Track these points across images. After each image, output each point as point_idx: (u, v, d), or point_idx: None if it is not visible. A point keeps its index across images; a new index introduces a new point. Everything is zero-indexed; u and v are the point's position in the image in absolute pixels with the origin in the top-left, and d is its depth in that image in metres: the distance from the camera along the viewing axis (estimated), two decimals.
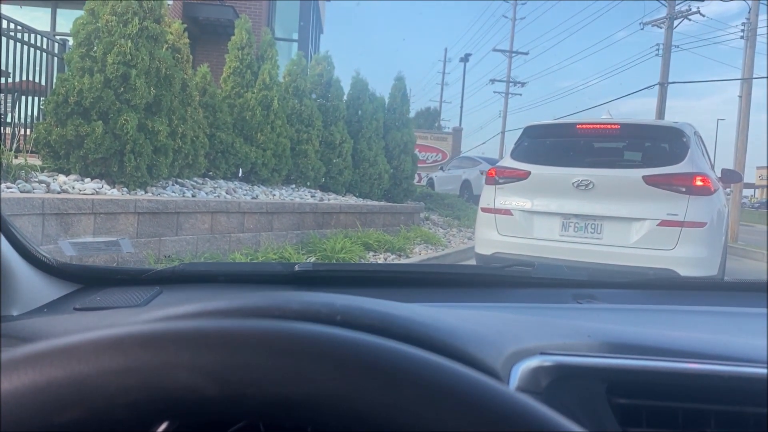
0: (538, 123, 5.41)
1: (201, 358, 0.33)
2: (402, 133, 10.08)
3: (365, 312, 0.47)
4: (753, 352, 0.68)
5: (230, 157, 6.72)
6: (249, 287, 1.12)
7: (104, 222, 4.18)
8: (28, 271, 0.91)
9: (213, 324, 0.35)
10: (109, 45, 4.92)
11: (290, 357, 0.33)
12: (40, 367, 0.33)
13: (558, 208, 4.73)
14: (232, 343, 0.33)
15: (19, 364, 0.33)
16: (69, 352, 0.33)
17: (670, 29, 18.29)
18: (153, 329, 0.34)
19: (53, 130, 4.75)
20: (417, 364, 0.34)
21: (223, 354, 0.33)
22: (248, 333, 0.34)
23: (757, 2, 17.20)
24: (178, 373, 0.32)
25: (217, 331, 0.34)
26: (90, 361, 0.33)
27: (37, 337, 0.69)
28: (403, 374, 0.33)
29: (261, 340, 0.34)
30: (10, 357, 0.34)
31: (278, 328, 0.35)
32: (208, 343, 0.33)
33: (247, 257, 5.13)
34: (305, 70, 8.45)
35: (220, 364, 0.33)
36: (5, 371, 0.33)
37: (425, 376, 0.34)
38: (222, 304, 0.46)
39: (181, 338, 0.34)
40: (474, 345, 0.53)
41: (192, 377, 0.32)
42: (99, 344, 0.33)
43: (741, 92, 17.56)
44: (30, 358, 0.33)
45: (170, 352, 0.33)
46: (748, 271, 9.50)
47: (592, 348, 0.65)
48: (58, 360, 0.33)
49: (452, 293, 1.15)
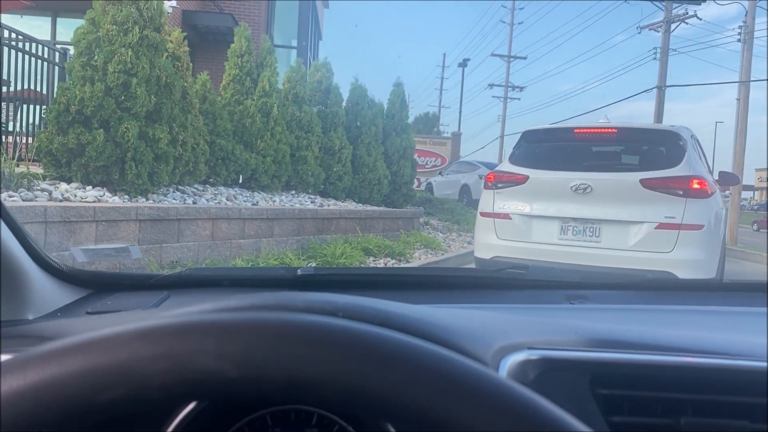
0: (536, 127, 5.46)
1: (224, 345, 0.37)
2: (401, 138, 10.13)
3: (364, 309, 0.51)
4: (740, 348, 0.72)
5: (230, 164, 6.76)
6: (253, 291, 1.16)
7: (106, 229, 4.22)
8: (42, 276, 0.95)
9: (234, 315, 0.40)
10: (109, 54, 4.97)
11: (302, 344, 0.37)
12: (85, 354, 0.37)
13: (556, 212, 4.77)
14: (251, 332, 0.38)
15: (67, 351, 0.37)
16: (109, 342, 0.38)
17: (667, 33, 18.38)
18: (181, 321, 0.39)
19: (55, 139, 4.79)
20: (413, 349, 0.38)
21: (243, 341, 0.37)
22: (265, 323, 0.39)
23: (754, 5, 17.28)
24: (204, 358, 0.36)
25: (238, 321, 0.39)
26: (127, 349, 0.37)
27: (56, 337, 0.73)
28: (401, 357, 0.37)
29: (275, 329, 0.38)
30: (59, 345, 0.38)
31: (289, 318, 0.40)
32: (230, 332, 0.38)
33: (248, 263, 5.16)
34: (304, 77, 8.51)
35: (240, 350, 0.37)
36: (54, 358, 0.37)
37: (420, 359, 0.38)
38: (233, 303, 0.50)
39: (206, 328, 0.38)
40: (465, 339, 0.57)
41: (216, 362, 0.36)
42: (135, 334, 0.38)
43: (739, 95, 17.64)
44: (75, 347, 0.37)
45: (197, 340, 0.37)
46: (748, 273, 9.53)
47: (578, 343, 0.70)
48: (101, 348, 0.37)
49: (449, 295, 1.18)
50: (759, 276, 9.43)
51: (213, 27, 12.17)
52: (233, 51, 7.37)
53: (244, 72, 7.33)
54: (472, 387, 0.36)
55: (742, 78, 17.38)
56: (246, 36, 7.40)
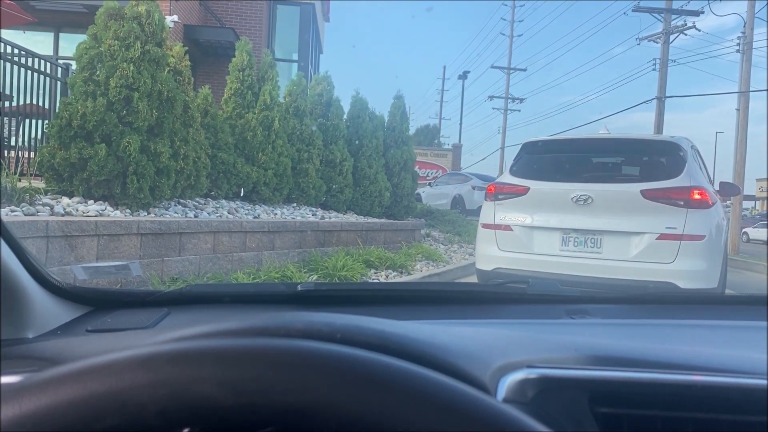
0: (536, 139, 5.47)
1: (221, 372, 0.37)
2: (402, 150, 10.16)
3: (363, 330, 0.51)
4: (742, 364, 0.71)
5: (232, 177, 6.78)
6: (253, 307, 1.16)
7: (108, 243, 4.22)
8: (42, 294, 0.95)
9: (230, 343, 0.40)
10: (111, 69, 5.00)
11: (296, 371, 0.38)
12: (83, 382, 0.37)
13: (557, 223, 4.77)
14: (248, 359, 0.38)
15: (64, 379, 0.37)
16: (108, 369, 0.38)
17: (666, 44, 18.46)
18: (179, 348, 0.39)
19: (57, 153, 4.81)
20: (406, 376, 0.39)
21: (240, 368, 0.38)
22: (260, 350, 0.39)
23: (752, 15, 17.37)
24: (201, 386, 0.37)
25: (235, 348, 0.39)
26: (126, 377, 0.37)
27: (56, 358, 0.73)
28: (399, 384, 0.38)
29: (271, 356, 0.38)
30: (57, 372, 0.38)
31: (286, 345, 0.40)
32: (227, 359, 0.38)
33: (250, 276, 5.16)
34: (305, 90, 8.55)
35: (237, 377, 0.37)
36: (51, 385, 0.37)
37: (417, 386, 0.38)
38: (232, 325, 0.50)
39: (204, 355, 0.38)
40: (464, 360, 0.57)
41: (213, 389, 0.37)
42: (133, 361, 0.38)
43: (739, 105, 17.69)
44: (73, 375, 0.38)
45: (194, 368, 0.37)
46: (750, 283, 9.50)
47: (578, 361, 0.69)
48: (99, 376, 0.37)
49: (450, 310, 1.18)
50: (762, 286, 9.40)
51: (214, 41, 12.25)
52: (235, 65, 7.41)
53: (246, 86, 7.37)
54: (470, 414, 0.37)
55: (741, 88, 17.43)
56: (247, 50, 7.45)
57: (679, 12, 18.65)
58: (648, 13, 18.82)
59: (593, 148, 5.27)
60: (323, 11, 18.79)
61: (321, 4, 17.64)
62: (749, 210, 54.45)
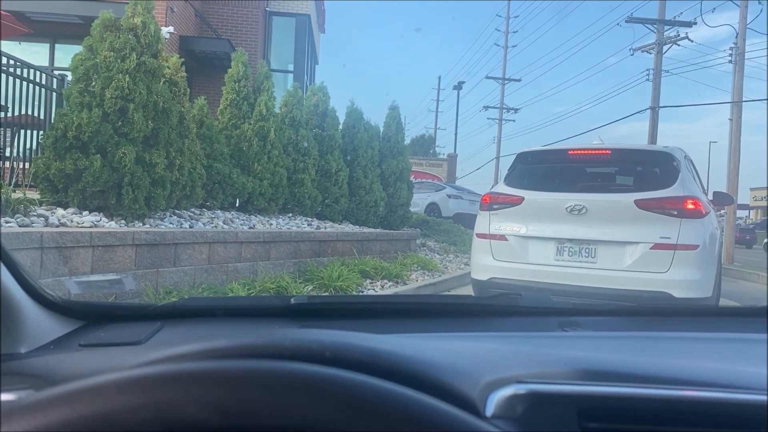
0: (530, 149, 5.49)
1: (207, 394, 0.38)
2: (397, 160, 10.18)
3: (352, 347, 0.52)
4: (736, 378, 0.71)
5: (227, 188, 6.78)
6: (246, 321, 1.16)
7: (102, 254, 4.21)
8: (34, 308, 0.95)
9: (217, 365, 0.40)
10: (107, 80, 5.01)
11: (281, 392, 0.38)
12: (72, 404, 0.37)
13: (552, 233, 4.78)
14: (232, 382, 0.39)
15: (54, 402, 0.38)
16: (96, 392, 0.38)
17: (659, 54, 18.60)
18: (167, 370, 0.39)
19: (52, 164, 4.80)
20: (391, 397, 0.39)
21: (227, 390, 0.38)
22: (246, 372, 0.39)
23: (744, 26, 17.52)
24: (188, 407, 0.37)
25: (221, 371, 0.39)
26: (114, 399, 0.38)
27: (49, 375, 0.73)
28: (379, 406, 0.38)
29: (258, 378, 0.39)
30: (46, 395, 0.38)
31: (272, 368, 0.40)
32: (213, 382, 0.38)
33: (245, 287, 5.14)
34: (301, 101, 8.57)
35: (223, 399, 0.38)
36: (40, 408, 0.37)
37: (403, 408, 0.38)
38: (223, 343, 0.51)
39: (191, 377, 0.39)
40: (453, 376, 0.57)
41: (199, 411, 0.37)
42: (122, 384, 0.38)
43: (732, 115, 17.81)
44: (63, 397, 0.38)
45: (180, 389, 0.38)
46: (744, 292, 9.52)
47: (569, 375, 0.69)
48: (88, 398, 0.38)
49: (442, 323, 1.18)
50: (755, 295, 9.42)
51: (210, 52, 12.29)
52: (230, 76, 7.43)
53: (241, 96, 7.39)
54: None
55: (734, 98, 17.55)
56: (243, 61, 7.48)
57: (671, 23, 18.81)
58: (641, 24, 18.97)
59: (587, 158, 5.31)
60: (319, 22, 18.87)
61: (316, 15, 17.73)
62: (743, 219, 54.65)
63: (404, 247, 9.27)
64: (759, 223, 38.93)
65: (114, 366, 0.42)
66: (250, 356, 0.47)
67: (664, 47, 18.72)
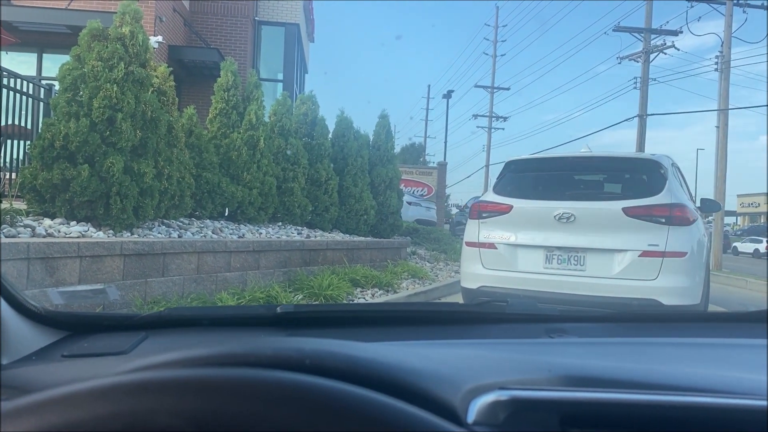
0: (518, 158, 5.51)
1: (180, 403, 0.37)
2: (387, 168, 10.20)
3: (332, 355, 0.51)
4: (719, 382, 0.71)
5: (216, 197, 6.76)
6: (232, 330, 1.15)
7: (90, 265, 4.18)
8: (17, 320, 0.94)
9: (191, 373, 0.40)
10: (95, 89, 4.99)
11: (256, 401, 0.38)
12: (41, 414, 0.37)
13: (541, 241, 4.80)
14: (206, 390, 0.38)
15: (21, 413, 0.37)
16: (66, 401, 0.38)
17: (646, 63, 18.81)
18: (140, 378, 0.39)
19: (39, 174, 4.77)
20: (372, 405, 0.39)
21: (200, 399, 0.38)
22: (221, 381, 0.39)
23: (729, 35, 17.76)
24: (161, 416, 0.37)
25: (194, 380, 0.39)
26: (84, 409, 0.37)
27: (28, 386, 0.72)
28: (355, 413, 0.38)
29: (232, 386, 0.39)
30: (14, 406, 0.38)
31: (246, 376, 0.40)
32: (186, 391, 0.38)
33: (234, 296, 5.12)
34: (290, 110, 8.58)
35: (197, 408, 0.37)
36: (8, 419, 0.37)
37: (378, 415, 0.38)
38: (202, 352, 0.50)
39: (163, 386, 0.38)
40: (434, 383, 0.57)
41: (172, 420, 0.37)
42: (92, 393, 0.38)
43: (718, 122, 18.01)
44: (31, 407, 0.38)
45: (154, 398, 0.38)
46: (732, 299, 9.59)
47: (552, 382, 0.69)
48: (57, 408, 0.37)
49: (428, 331, 1.18)
50: (744, 302, 9.49)
51: (199, 62, 12.28)
52: (220, 85, 7.43)
53: (231, 105, 7.39)
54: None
55: (720, 106, 17.75)
56: (232, 70, 7.48)
57: (658, 32, 19.04)
58: (628, 32, 19.19)
59: (575, 166, 5.33)
60: (308, 31, 18.92)
61: (306, 24, 17.77)
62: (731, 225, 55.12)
63: (395, 255, 9.27)
64: (747, 230, 39.34)
65: (95, 376, 0.41)
66: (230, 365, 0.46)
67: (651, 56, 18.94)
